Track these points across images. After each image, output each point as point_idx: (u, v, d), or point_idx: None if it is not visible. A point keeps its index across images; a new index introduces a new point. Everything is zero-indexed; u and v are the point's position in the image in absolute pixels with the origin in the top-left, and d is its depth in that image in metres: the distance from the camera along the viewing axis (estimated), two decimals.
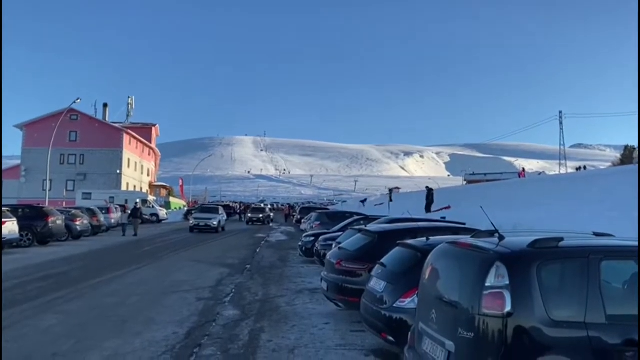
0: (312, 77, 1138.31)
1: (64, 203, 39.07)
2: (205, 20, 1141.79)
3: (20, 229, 18.18)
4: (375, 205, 48.72)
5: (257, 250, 19.71)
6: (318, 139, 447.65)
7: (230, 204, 63.31)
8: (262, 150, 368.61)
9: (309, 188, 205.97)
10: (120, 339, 6.67)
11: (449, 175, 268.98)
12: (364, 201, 54.59)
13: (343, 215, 21.59)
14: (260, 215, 43.48)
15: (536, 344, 3.25)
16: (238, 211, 56.69)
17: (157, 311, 8.46)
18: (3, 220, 17.09)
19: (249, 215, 44.30)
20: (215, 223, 29.61)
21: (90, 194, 44.54)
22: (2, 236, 16.80)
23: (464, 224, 11.11)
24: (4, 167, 65.00)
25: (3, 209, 18.64)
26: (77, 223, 23.39)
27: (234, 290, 10.60)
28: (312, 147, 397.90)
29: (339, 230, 15.05)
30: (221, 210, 33.61)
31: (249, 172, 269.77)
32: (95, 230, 25.82)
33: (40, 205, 23.96)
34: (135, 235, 25.73)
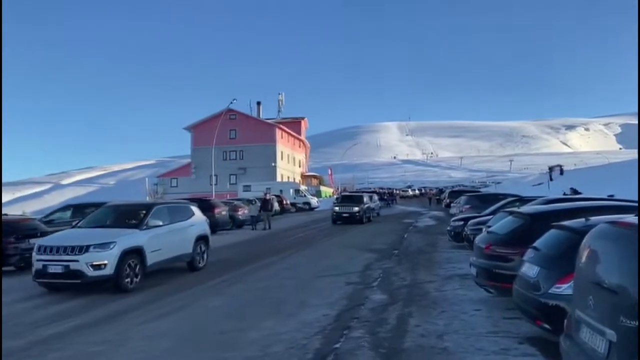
0: (454, 54, 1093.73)
1: (228, 195, 42.70)
2: (345, 16, 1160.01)
3: None
4: (533, 185, 45.58)
5: (405, 236, 19.64)
6: (466, 119, 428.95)
7: (378, 190, 63.81)
8: (407, 135, 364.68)
9: (459, 170, 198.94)
10: (276, 319, 7.15)
11: (620, 149, 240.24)
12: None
13: (495, 198, 20.47)
14: (356, 209, 26.83)
15: None
16: (385, 197, 56.96)
17: (309, 294, 8.89)
18: None
19: (336, 209, 27.34)
20: (100, 261, 9.17)
21: (249, 186, 48.11)
22: None
23: (637, 202, 9.85)
24: (177, 165, 73.27)
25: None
26: (239, 213, 25.55)
27: (381, 275, 10.70)
28: (461, 128, 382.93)
29: (490, 214, 14.34)
30: (185, 212, 12.25)
31: (395, 157, 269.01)
32: (254, 219, 27.91)
33: (208, 198, 26.63)
34: (268, 228, 24.09)
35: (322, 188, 67.38)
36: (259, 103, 72.28)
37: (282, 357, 5.56)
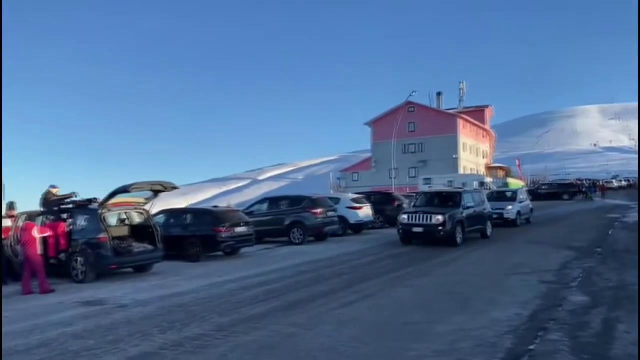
0: None
1: (408, 188, 42.73)
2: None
3: (374, 212, 20.97)
4: None
5: (610, 232, 17.54)
6: None
7: (574, 182, 57.78)
8: (610, 119, 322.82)
9: None
10: (464, 315, 6.95)
11: None
12: None
13: None
14: (438, 219, 14.94)
15: None
16: (583, 189, 51.36)
17: (498, 291, 8.46)
18: (360, 205, 20.10)
19: (403, 218, 15.97)
20: None
21: (429, 179, 47.44)
22: (360, 219, 19.77)
23: None
24: (358, 160, 75.69)
25: (359, 195, 21.85)
26: None
27: (581, 275, 9.70)
28: None
29: None
30: None
31: (595, 144, 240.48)
32: None
33: (389, 192, 27.06)
34: None
35: (510, 180, 63.30)
36: (439, 93, 70.94)
37: (471, 353, 5.37)
